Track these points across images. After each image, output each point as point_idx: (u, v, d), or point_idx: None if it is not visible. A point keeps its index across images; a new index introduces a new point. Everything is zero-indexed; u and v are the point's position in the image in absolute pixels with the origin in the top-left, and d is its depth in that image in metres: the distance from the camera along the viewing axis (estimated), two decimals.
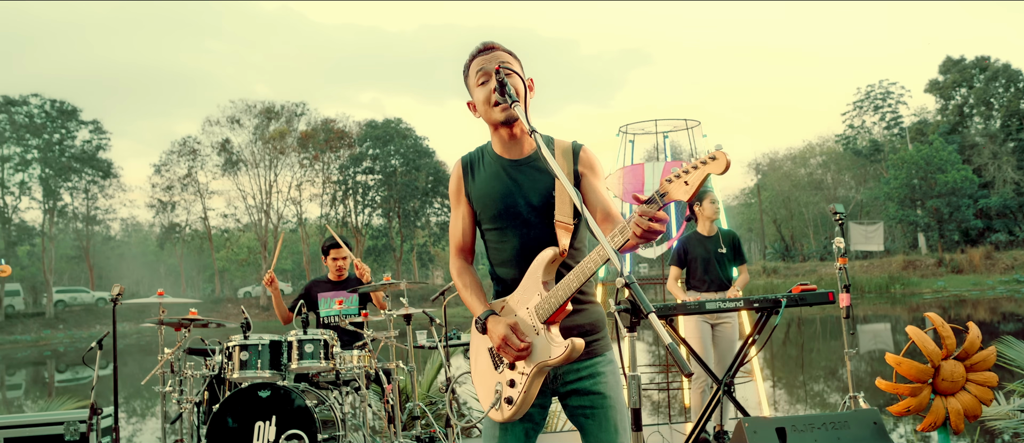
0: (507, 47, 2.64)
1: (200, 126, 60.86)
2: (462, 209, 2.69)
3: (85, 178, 48.54)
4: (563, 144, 2.62)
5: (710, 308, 5.05)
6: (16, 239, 46.73)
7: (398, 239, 51.95)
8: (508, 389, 2.47)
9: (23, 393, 18.39)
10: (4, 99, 45.67)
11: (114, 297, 5.21)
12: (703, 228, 5.87)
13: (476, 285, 2.65)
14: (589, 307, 2.61)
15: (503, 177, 2.59)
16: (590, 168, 2.60)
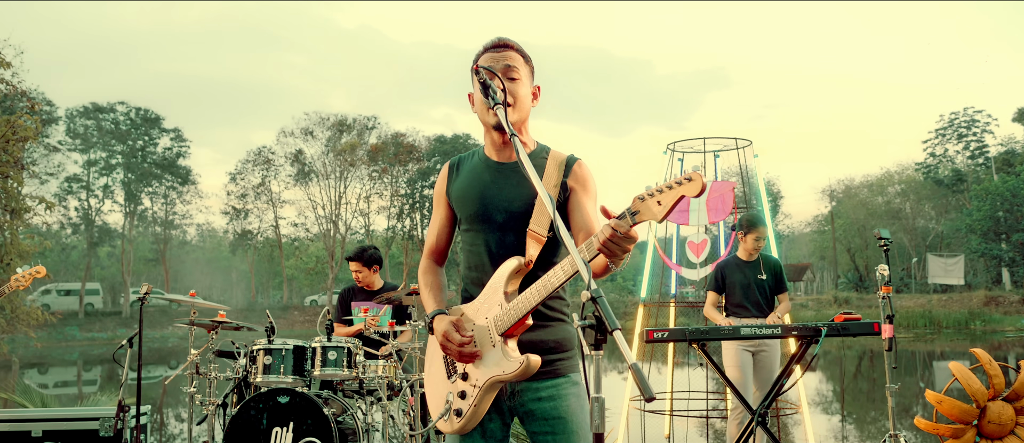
0: (521, 48, 2.54)
1: (275, 137, 62.44)
2: (442, 210, 2.61)
3: (165, 184, 50.31)
4: (559, 156, 2.50)
5: (745, 334, 4.82)
6: (98, 240, 48.68)
7: None
8: (458, 400, 2.36)
9: (98, 388, 19.01)
10: (93, 106, 47.77)
11: (141, 296, 5.27)
12: (743, 253, 5.65)
13: (436, 286, 2.56)
14: (556, 324, 2.47)
15: (485, 178, 2.49)
16: (581, 184, 2.46)
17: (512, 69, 2.43)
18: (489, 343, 2.32)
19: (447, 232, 2.62)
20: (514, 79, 2.43)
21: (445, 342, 2.34)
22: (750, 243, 5.60)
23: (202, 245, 64.80)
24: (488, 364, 2.32)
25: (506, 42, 2.49)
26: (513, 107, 2.41)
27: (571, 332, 2.51)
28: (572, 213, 2.45)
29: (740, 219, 5.66)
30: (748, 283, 5.58)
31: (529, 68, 2.51)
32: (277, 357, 5.09)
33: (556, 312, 2.48)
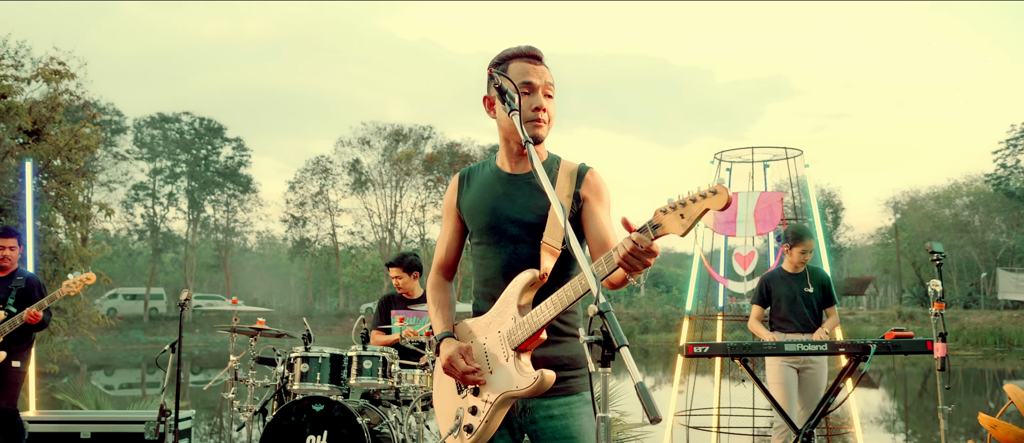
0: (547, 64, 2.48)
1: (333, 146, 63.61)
2: (451, 223, 2.55)
3: (226, 192, 51.55)
4: (570, 165, 2.44)
5: (789, 350, 4.65)
6: (162, 246, 50.08)
7: None
8: (469, 416, 2.29)
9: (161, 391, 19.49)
10: (160, 116, 49.25)
11: (181, 302, 5.34)
12: (789, 265, 5.46)
13: (445, 304, 2.50)
14: (570, 340, 2.39)
15: (497, 190, 2.43)
16: (595, 193, 2.39)
17: (550, 86, 2.38)
18: (501, 358, 2.26)
19: (457, 245, 2.57)
20: (550, 96, 2.38)
21: (449, 367, 2.30)
22: (796, 256, 5.41)
23: (262, 252, 66.14)
24: (501, 379, 2.25)
25: (538, 53, 2.41)
26: (547, 124, 2.36)
27: (583, 349, 2.44)
28: (586, 224, 2.38)
29: (785, 231, 5.48)
30: (794, 296, 5.39)
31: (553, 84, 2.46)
32: (314, 365, 5.10)
33: (570, 327, 2.40)
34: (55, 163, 11.08)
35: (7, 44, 11.16)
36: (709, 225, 6.90)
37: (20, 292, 5.66)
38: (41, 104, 11.28)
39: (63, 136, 10.84)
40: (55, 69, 11.35)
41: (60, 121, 11.31)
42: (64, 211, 11.55)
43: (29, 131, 11.19)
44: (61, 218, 11.65)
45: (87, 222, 12.34)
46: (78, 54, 19.09)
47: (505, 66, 2.38)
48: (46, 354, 11.95)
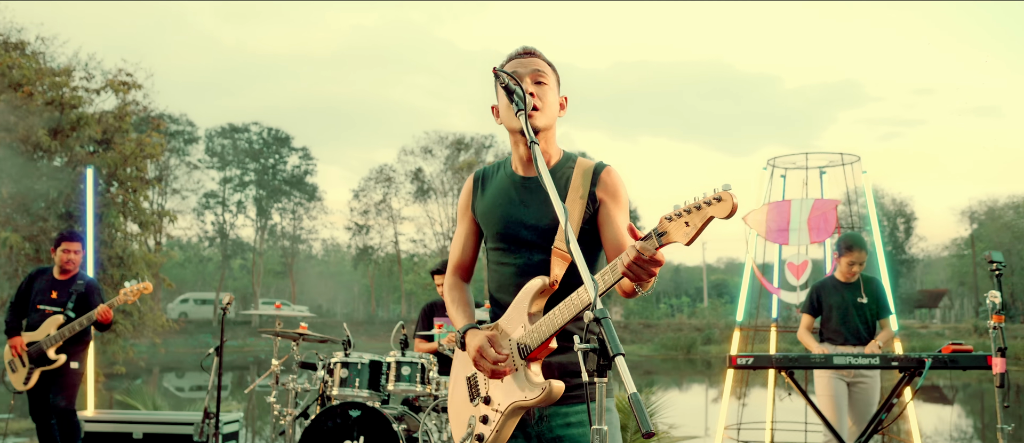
0: (548, 58, 2.43)
1: (396, 155, 64.50)
2: (466, 224, 2.51)
3: (293, 200, 52.65)
4: (586, 164, 2.36)
5: (838, 363, 4.47)
6: (231, 253, 51.41)
7: None
8: (480, 425, 2.23)
9: (229, 394, 19.97)
10: (230, 126, 50.66)
11: (223, 306, 5.42)
12: (841, 274, 5.24)
13: (463, 302, 2.46)
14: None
15: (511, 194, 2.37)
16: (611, 195, 2.30)
17: (540, 74, 2.34)
18: (512, 366, 2.20)
19: (472, 246, 2.52)
20: (542, 83, 2.33)
21: (478, 358, 2.22)
22: (843, 266, 5.19)
23: (327, 259, 67.32)
24: (511, 388, 2.20)
25: (532, 50, 2.41)
26: (541, 111, 2.31)
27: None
28: (602, 227, 2.30)
29: (838, 239, 5.26)
30: (846, 307, 5.17)
31: (556, 77, 2.42)
32: (353, 370, 5.11)
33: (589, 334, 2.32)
34: (122, 171, 11.44)
35: (78, 57, 11.59)
36: (761, 233, 6.70)
37: (80, 296, 5.82)
38: (110, 114, 11.69)
39: (129, 145, 11.20)
40: (123, 81, 11.74)
41: (127, 131, 11.69)
42: (131, 217, 11.91)
43: (99, 140, 11.60)
44: (129, 224, 12.02)
45: (152, 228, 12.71)
46: (145, 66, 19.71)
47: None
48: (112, 356, 12.33)
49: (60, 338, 5.62)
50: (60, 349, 5.67)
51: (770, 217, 6.52)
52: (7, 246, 9.85)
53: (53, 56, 11.74)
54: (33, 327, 5.74)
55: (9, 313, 5.89)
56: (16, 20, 14.69)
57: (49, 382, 5.72)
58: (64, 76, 11.12)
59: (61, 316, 5.69)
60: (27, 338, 5.71)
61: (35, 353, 5.64)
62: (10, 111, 10.52)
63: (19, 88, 10.50)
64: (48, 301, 5.76)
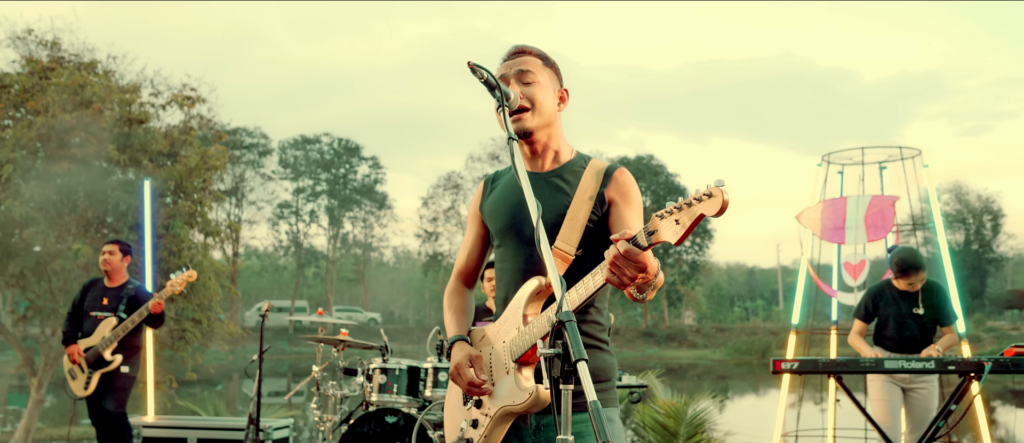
0: (541, 51, 2.35)
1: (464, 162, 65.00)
2: (473, 228, 2.47)
3: (364, 208, 53.61)
4: (599, 165, 2.28)
5: (889, 367, 4.24)
6: (305, 261, 52.61)
7: None
8: (470, 430, 2.17)
9: (304, 399, 20.40)
10: (302, 138, 51.91)
11: (263, 314, 5.48)
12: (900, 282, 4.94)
13: (460, 310, 2.40)
14: (590, 351, 2.21)
15: (517, 191, 2.29)
16: (622, 195, 2.21)
17: (526, 73, 2.25)
18: (503, 369, 2.13)
19: (478, 252, 2.47)
20: (529, 83, 2.25)
21: (455, 374, 2.19)
22: (903, 286, 4.89)
23: (398, 266, 68.30)
24: (501, 393, 2.13)
25: (521, 48, 2.32)
26: (532, 111, 2.23)
27: (610, 362, 2.27)
28: (613, 228, 2.20)
29: (891, 259, 4.96)
30: (903, 318, 4.89)
31: (551, 71, 2.32)
32: (392, 376, 5.11)
33: (592, 339, 2.24)
34: (188, 183, 11.77)
35: (144, 73, 12.01)
36: (815, 231, 6.43)
37: (130, 299, 6.00)
38: (175, 128, 12.06)
39: (194, 158, 11.52)
40: (187, 96, 12.09)
41: (192, 144, 12.03)
42: (198, 228, 12.25)
43: (166, 153, 11.96)
44: (196, 234, 12.36)
45: (221, 238, 13.05)
46: (209, 81, 20.35)
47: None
48: (181, 363, 12.69)
49: (115, 339, 5.77)
50: (115, 350, 5.82)
51: (825, 215, 6.25)
52: (80, 258, 10.23)
53: (123, 74, 12.20)
54: (88, 334, 5.93)
55: (67, 323, 6.10)
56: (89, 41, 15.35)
57: (101, 386, 5.88)
58: (132, 93, 11.51)
59: (114, 318, 5.86)
60: (83, 344, 5.89)
61: (92, 357, 5.82)
62: (82, 128, 10.94)
63: (89, 105, 10.92)
64: (100, 307, 5.94)
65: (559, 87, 2.34)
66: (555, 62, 2.37)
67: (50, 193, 11.33)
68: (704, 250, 51.95)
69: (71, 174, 10.96)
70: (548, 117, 2.26)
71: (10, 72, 11.60)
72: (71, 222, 11.09)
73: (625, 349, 46.70)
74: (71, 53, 12.16)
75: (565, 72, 2.37)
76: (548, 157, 2.31)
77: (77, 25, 25.74)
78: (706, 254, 52.79)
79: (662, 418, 6.70)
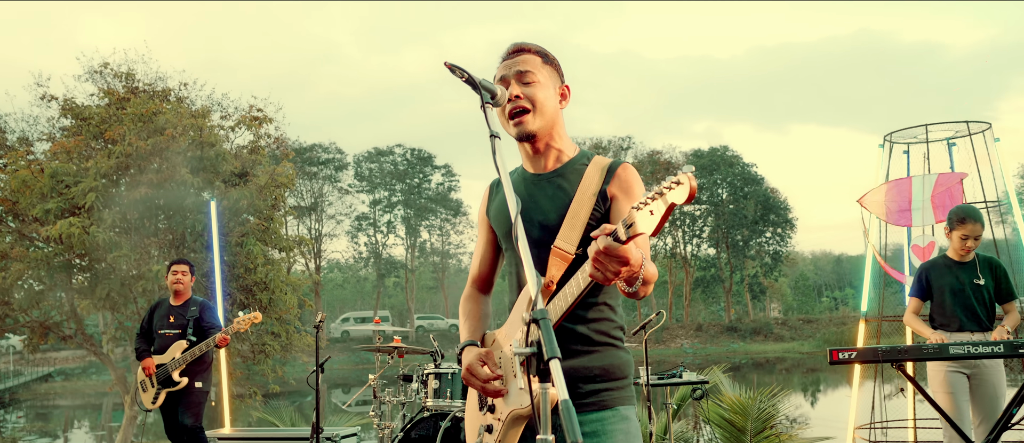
0: (541, 48, 2.30)
1: None
2: (483, 233, 2.44)
3: (439, 217, 54.26)
4: (602, 161, 2.23)
5: (955, 353, 4.02)
6: (385, 272, 53.56)
7: (727, 270, 50.39)
8: (486, 435, 2.14)
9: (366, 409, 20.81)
10: (376, 150, 52.91)
11: (317, 323, 5.59)
12: (954, 252, 4.69)
13: (474, 315, 2.38)
14: (605, 349, 2.17)
15: (521, 192, 2.27)
16: (624, 190, 2.16)
17: (526, 74, 2.21)
18: (511, 373, 2.10)
19: (490, 257, 2.44)
20: (529, 83, 2.20)
21: (468, 376, 2.16)
22: (956, 241, 4.61)
23: None
24: (511, 397, 2.11)
25: (520, 46, 2.27)
26: (533, 113, 2.19)
27: (624, 359, 2.22)
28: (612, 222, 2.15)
29: (949, 213, 4.70)
30: (961, 288, 4.61)
31: (551, 68, 2.27)
32: (445, 381, 5.15)
33: (604, 336, 2.19)
34: (259, 201, 12.14)
35: (212, 97, 12.48)
36: (879, 214, 6.16)
37: (196, 321, 6.21)
38: (244, 149, 12.47)
39: (263, 176, 11.88)
40: (254, 116, 12.50)
41: (261, 162, 12.41)
42: (271, 244, 12.62)
43: (238, 174, 12.38)
44: (270, 251, 12.74)
45: (293, 253, 13.42)
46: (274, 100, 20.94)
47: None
48: (262, 376, 13.07)
49: (183, 362, 6.01)
50: (183, 372, 6.05)
51: (889, 197, 5.98)
52: (161, 278, 10.70)
53: (193, 100, 12.70)
54: (160, 351, 6.18)
55: (138, 340, 6.38)
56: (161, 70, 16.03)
57: (176, 402, 6.13)
58: (201, 117, 11.95)
59: (185, 341, 6.09)
60: (156, 361, 6.14)
61: (162, 375, 6.07)
62: (157, 154, 11.42)
63: (162, 132, 11.38)
64: (167, 325, 6.18)
65: (560, 84, 2.29)
66: (555, 58, 2.31)
67: (132, 218, 11.88)
68: (786, 240, 50.61)
69: (149, 199, 11.47)
70: (550, 117, 2.22)
71: (90, 105, 12.22)
72: (151, 244, 11.60)
73: (709, 345, 45.87)
74: (145, 83, 12.73)
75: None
76: (550, 157, 2.27)
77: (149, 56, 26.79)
78: (789, 244, 51.44)
79: (728, 414, 6.54)
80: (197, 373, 6.14)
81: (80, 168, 11.43)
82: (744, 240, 49.97)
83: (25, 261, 11.22)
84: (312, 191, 47.94)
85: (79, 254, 11.32)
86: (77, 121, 11.98)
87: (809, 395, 28.82)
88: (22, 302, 11.48)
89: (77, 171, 11.35)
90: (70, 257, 11.52)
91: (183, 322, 6.18)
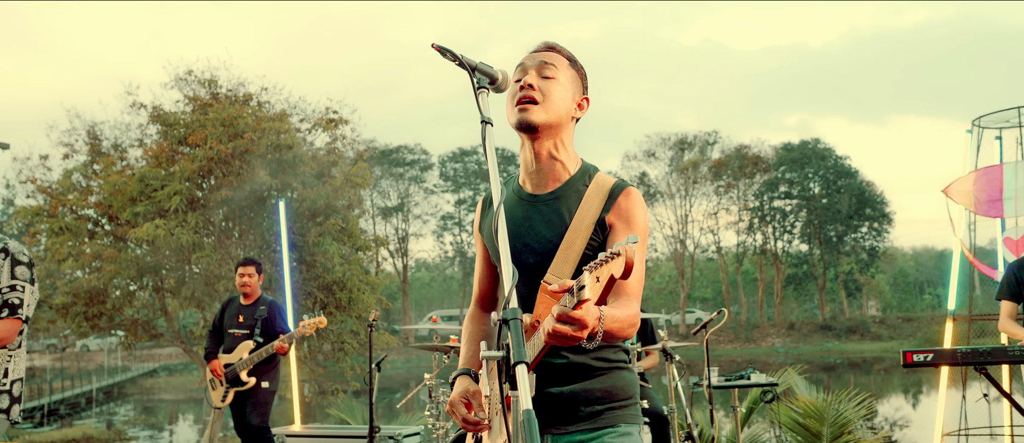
0: (571, 54, 2.18)
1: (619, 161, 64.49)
2: (480, 250, 2.29)
3: None
4: (605, 182, 2.07)
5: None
6: (470, 271, 54.01)
7: (821, 267, 48.69)
8: None
9: None
10: (460, 150, 53.50)
11: (371, 322, 5.57)
12: None
13: (474, 338, 2.24)
14: (610, 373, 2.05)
15: (516, 214, 2.13)
16: (624, 219, 2.01)
17: (548, 67, 2.08)
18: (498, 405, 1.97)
19: (490, 273, 2.29)
20: (548, 77, 2.07)
21: (450, 411, 2.06)
22: None
23: None
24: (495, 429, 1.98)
25: (551, 44, 2.15)
26: (541, 104, 2.05)
27: (628, 379, 2.10)
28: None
29: None
30: None
31: (576, 74, 2.14)
32: None
33: (606, 362, 2.07)
34: (335, 201, 12.34)
35: (289, 99, 12.78)
36: (968, 206, 5.71)
37: (264, 322, 6.29)
38: (321, 150, 12.70)
39: (339, 178, 12.07)
40: (330, 119, 12.72)
41: (338, 164, 12.62)
42: (348, 244, 12.81)
43: (316, 175, 12.62)
44: (346, 250, 12.94)
45: (372, 252, 13.61)
46: (349, 102, 21.32)
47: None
48: (341, 374, 13.29)
49: (250, 363, 6.10)
50: (251, 371, 6.15)
51: (978, 187, 5.54)
52: None
53: (273, 104, 13.02)
54: (229, 350, 6.29)
55: (209, 340, 6.51)
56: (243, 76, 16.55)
57: (244, 401, 6.23)
58: (280, 121, 12.23)
59: (252, 342, 6.18)
60: (224, 360, 6.26)
61: (230, 375, 6.18)
62: (237, 157, 11.74)
63: (242, 136, 11.70)
64: (236, 325, 6.28)
65: (581, 94, 2.15)
66: (583, 69, 2.19)
67: (214, 220, 12.27)
68: (883, 235, 48.52)
69: (229, 201, 11.82)
70: (558, 116, 2.07)
71: (175, 111, 12.69)
72: (232, 245, 11.95)
73: (801, 344, 44.43)
74: (227, 89, 13.13)
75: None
76: (551, 171, 2.11)
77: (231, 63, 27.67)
78: (887, 239, 49.30)
79: (802, 418, 6.21)
80: (264, 373, 6.23)
81: (167, 172, 11.88)
82: (838, 235, 48.17)
83: (118, 263, 11.72)
84: (398, 192, 48.79)
85: (166, 255, 11.76)
86: (163, 127, 12.45)
87: (911, 397, 27.50)
88: (116, 301, 12.00)
89: (164, 175, 11.79)
90: (158, 258, 11.98)
91: (252, 322, 6.27)
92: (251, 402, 6.20)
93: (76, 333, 12.94)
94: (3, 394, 3.29)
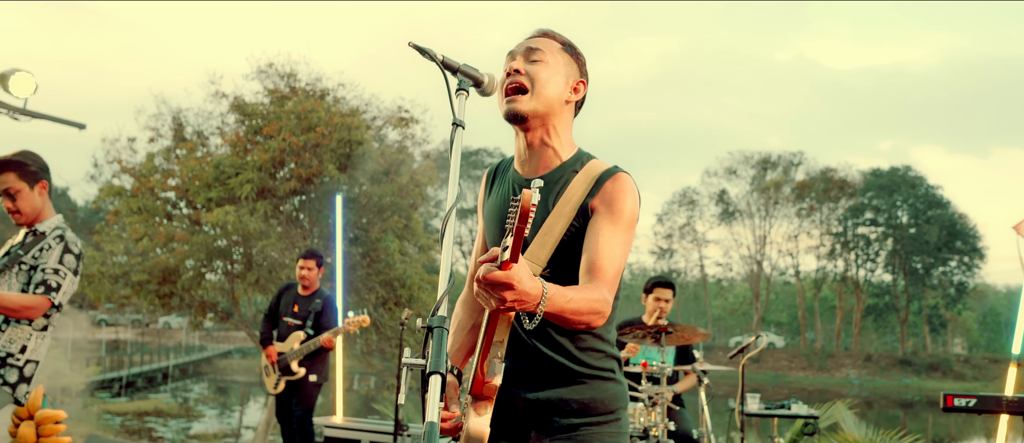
0: (565, 38, 2.12)
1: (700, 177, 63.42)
2: (482, 229, 2.24)
3: None
4: (595, 168, 2.01)
5: None
6: None
7: (904, 298, 46.77)
8: None
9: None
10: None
11: (402, 321, 5.58)
12: None
13: (463, 326, 2.16)
14: (591, 382, 1.98)
15: (507, 197, 2.10)
16: (607, 203, 1.94)
17: (535, 51, 2.03)
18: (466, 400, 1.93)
19: None
20: (535, 61, 2.01)
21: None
22: None
23: (633, 283, 67.88)
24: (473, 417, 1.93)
25: (544, 31, 2.10)
26: (530, 93, 1.99)
27: (613, 392, 2.01)
28: (585, 240, 1.93)
29: None
30: None
31: (569, 58, 2.08)
32: None
33: (586, 367, 1.99)
34: (400, 200, 12.51)
35: (361, 97, 13.00)
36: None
37: (317, 315, 6.39)
38: (390, 148, 12.89)
39: (404, 175, 12.23)
40: (401, 117, 12.90)
41: (406, 162, 12.79)
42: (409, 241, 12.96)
43: (384, 172, 12.82)
44: (408, 247, 13.09)
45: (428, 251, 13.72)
46: (421, 102, 21.55)
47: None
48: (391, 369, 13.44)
49: (301, 354, 6.20)
50: (301, 362, 6.25)
51: None
52: None
53: (347, 100, 13.29)
54: (282, 338, 6.41)
55: (264, 325, 6.62)
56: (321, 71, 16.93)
57: (292, 390, 6.34)
58: (352, 117, 12.47)
59: (303, 333, 6.29)
60: (277, 348, 6.37)
61: (282, 364, 6.30)
62: (308, 150, 12.02)
63: (314, 129, 11.98)
64: (291, 314, 6.41)
65: (576, 78, 2.08)
66: (581, 53, 2.11)
67: (283, 209, 12.59)
68: (973, 270, 46.28)
69: (298, 192, 12.11)
70: (548, 103, 2.01)
71: (254, 102, 13.08)
72: (297, 235, 12.24)
73: (878, 377, 42.76)
74: (306, 83, 13.46)
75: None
76: (544, 156, 2.05)
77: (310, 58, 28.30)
78: (978, 275, 47.01)
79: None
80: (312, 365, 6.31)
81: (242, 161, 12.25)
82: (925, 268, 46.19)
83: (190, 244, 12.15)
84: (475, 193, 49.16)
85: (235, 241, 12.13)
86: (242, 116, 12.85)
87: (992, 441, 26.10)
88: (186, 282, 12.44)
89: (239, 163, 12.17)
90: (228, 243, 12.37)
91: (306, 314, 6.37)
92: (298, 392, 6.31)
93: (148, 310, 13.45)
94: (14, 369, 3.37)
